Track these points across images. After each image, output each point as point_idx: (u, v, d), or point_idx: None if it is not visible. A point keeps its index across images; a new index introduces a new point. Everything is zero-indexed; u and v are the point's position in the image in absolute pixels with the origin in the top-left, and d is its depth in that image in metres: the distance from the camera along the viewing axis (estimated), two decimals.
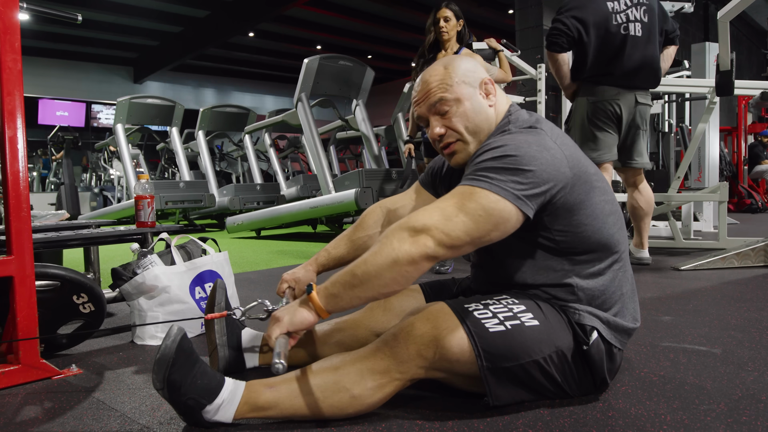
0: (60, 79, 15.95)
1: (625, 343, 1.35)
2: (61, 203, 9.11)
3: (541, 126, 1.29)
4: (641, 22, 3.10)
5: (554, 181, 1.19)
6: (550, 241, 1.27)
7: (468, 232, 1.13)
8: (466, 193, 1.16)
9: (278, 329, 1.18)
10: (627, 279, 1.36)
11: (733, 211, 8.41)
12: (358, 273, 1.14)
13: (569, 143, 1.29)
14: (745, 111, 9.32)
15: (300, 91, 6.07)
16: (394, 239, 1.13)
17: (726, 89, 3.52)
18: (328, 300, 1.17)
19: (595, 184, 1.28)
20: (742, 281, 2.87)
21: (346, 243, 1.58)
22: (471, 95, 1.34)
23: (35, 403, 1.44)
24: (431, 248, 1.12)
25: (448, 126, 1.35)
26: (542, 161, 1.18)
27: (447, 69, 1.35)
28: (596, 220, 1.27)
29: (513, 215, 1.15)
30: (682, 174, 4.15)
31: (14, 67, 1.54)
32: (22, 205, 1.56)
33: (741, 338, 1.83)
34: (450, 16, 3.36)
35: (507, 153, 1.18)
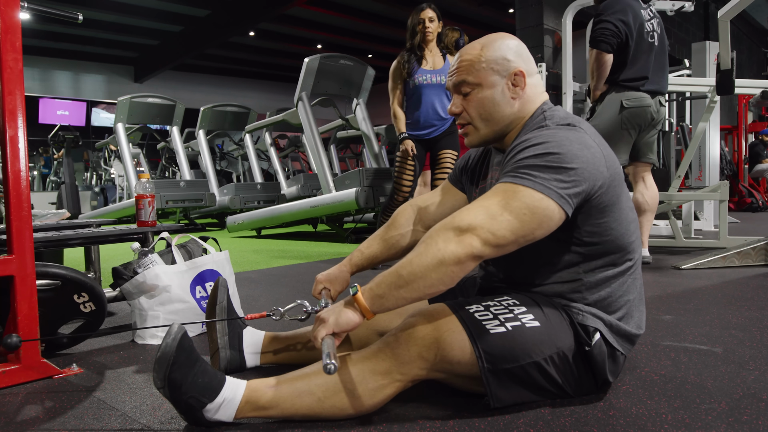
0: (61, 79, 15.95)
1: (629, 349, 1.34)
2: (61, 202, 9.11)
3: (578, 123, 1.28)
4: (656, 32, 3.27)
5: (594, 180, 1.19)
6: (576, 240, 1.26)
7: (513, 230, 1.13)
8: (510, 191, 1.15)
9: (324, 330, 1.18)
10: (636, 286, 1.35)
11: (734, 210, 8.41)
12: (404, 274, 1.14)
13: (605, 143, 1.29)
14: (746, 110, 9.31)
15: (300, 90, 6.07)
16: (439, 239, 1.13)
17: (726, 88, 3.53)
18: (373, 301, 1.17)
19: (624, 188, 1.29)
20: (743, 280, 2.87)
21: (379, 242, 1.57)
22: (494, 83, 1.32)
23: (36, 403, 1.44)
24: (477, 248, 1.11)
25: (465, 107, 1.36)
26: (584, 159, 1.17)
27: (482, 50, 1.33)
28: (621, 225, 1.27)
29: (556, 214, 1.15)
30: (682, 173, 4.15)
31: (15, 67, 1.54)
32: (22, 205, 1.56)
33: (742, 337, 1.83)
34: (434, 17, 3.47)
35: (549, 150, 1.17)
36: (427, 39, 3.47)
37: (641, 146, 3.37)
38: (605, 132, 3.22)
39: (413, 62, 3.48)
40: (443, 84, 3.51)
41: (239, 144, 9.83)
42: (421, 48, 3.48)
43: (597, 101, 3.36)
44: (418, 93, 3.51)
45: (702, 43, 6.32)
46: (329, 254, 4.61)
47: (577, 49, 6.29)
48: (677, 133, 7.67)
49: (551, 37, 7.50)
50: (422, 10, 3.47)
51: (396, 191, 3.61)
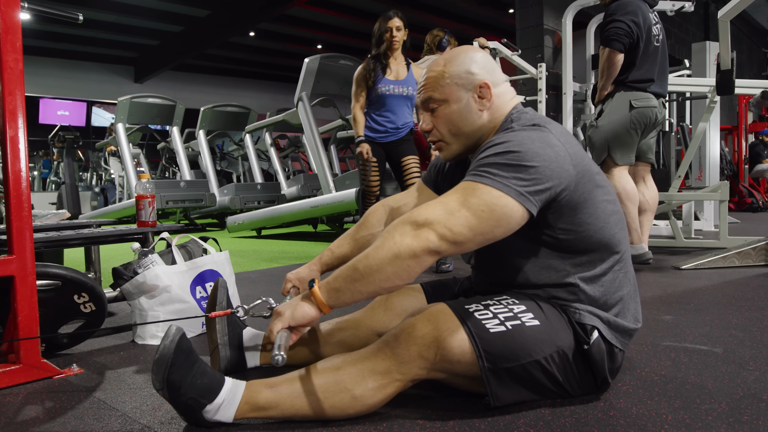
0: (61, 79, 15.95)
1: (626, 344, 1.35)
2: (61, 203, 9.12)
3: (545, 124, 1.28)
4: (660, 36, 3.35)
5: (558, 179, 1.19)
6: (552, 239, 1.27)
7: (470, 227, 1.12)
8: (469, 188, 1.16)
9: (280, 323, 1.18)
10: (628, 280, 1.35)
11: (734, 210, 8.41)
12: (360, 267, 1.14)
13: (573, 141, 1.28)
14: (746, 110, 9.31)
15: (300, 91, 6.07)
16: (396, 233, 1.13)
17: (726, 88, 3.53)
18: (329, 294, 1.17)
19: (599, 183, 1.28)
20: (743, 280, 2.87)
21: (350, 242, 1.58)
22: (460, 98, 1.34)
23: (36, 403, 1.44)
24: (433, 242, 1.11)
25: (434, 124, 1.37)
26: (545, 158, 1.17)
27: (445, 66, 1.35)
28: (598, 220, 1.27)
29: (516, 212, 1.15)
30: (682, 173, 4.15)
31: (16, 67, 1.54)
32: (23, 205, 1.56)
33: (742, 337, 1.83)
34: (401, 26, 3.53)
35: (509, 149, 1.18)
36: (394, 48, 3.55)
37: (642, 146, 3.41)
38: (614, 132, 3.27)
39: (378, 70, 3.55)
40: (405, 95, 3.62)
41: (239, 144, 9.84)
42: (386, 56, 3.57)
43: (602, 101, 3.39)
44: (382, 101, 3.60)
45: (702, 43, 6.32)
46: None
47: (577, 49, 6.29)
48: (677, 134, 7.67)
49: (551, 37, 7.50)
50: (390, 19, 3.54)
51: (366, 194, 3.71)
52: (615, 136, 3.27)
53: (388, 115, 3.62)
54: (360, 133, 3.61)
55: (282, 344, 1.13)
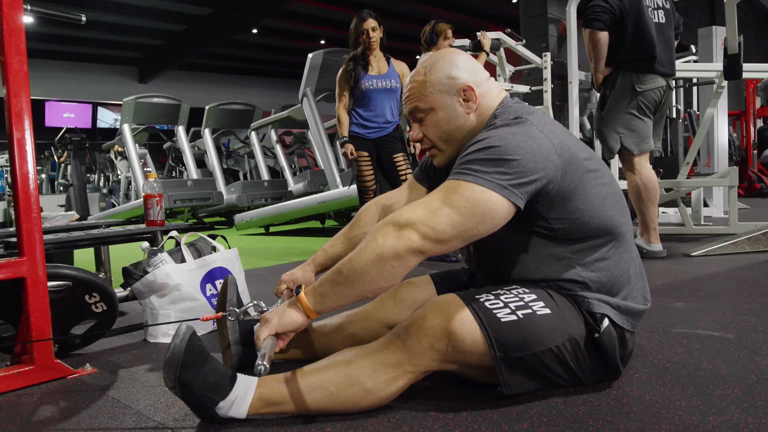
0: (65, 81, 16.03)
1: (636, 325, 1.34)
2: (70, 204, 9.17)
3: (526, 116, 1.27)
4: (664, 9, 3.16)
5: (543, 170, 1.18)
6: (548, 230, 1.26)
7: (453, 224, 1.12)
8: (451, 187, 1.16)
9: (267, 330, 1.18)
10: (633, 260, 1.34)
11: (743, 195, 8.35)
12: (344, 271, 1.14)
13: (558, 131, 1.26)
14: (754, 95, 9.22)
15: (305, 87, 6.06)
16: (378, 235, 1.13)
17: (734, 73, 3.49)
18: (316, 300, 1.17)
19: (589, 168, 1.26)
20: (754, 266, 2.85)
21: (343, 241, 1.58)
22: (445, 104, 1.33)
23: (51, 403, 1.45)
24: (416, 242, 1.11)
25: (424, 132, 1.38)
26: (527, 150, 1.17)
27: (426, 75, 1.35)
28: (592, 205, 1.26)
29: (501, 206, 1.14)
30: (691, 160, 4.12)
31: (20, 69, 1.54)
32: (32, 207, 1.57)
33: (754, 323, 1.82)
34: (376, 26, 3.59)
35: (490, 144, 1.18)
36: (372, 48, 3.61)
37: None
38: (623, 120, 3.11)
39: (359, 70, 3.60)
40: (390, 88, 3.66)
41: (245, 142, 9.85)
42: (365, 56, 3.62)
43: (602, 85, 3.23)
44: (368, 97, 3.64)
45: (708, 28, 6.26)
46: None
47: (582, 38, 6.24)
48: (685, 120, 7.61)
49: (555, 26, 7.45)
50: (364, 21, 3.59)
51: (362, 192, 3.74)
52: (624, 124, 3.10)
53: (375, 110, 3.66)
54: (344, 133, 3.67)
55: (266, 353, 1.13)
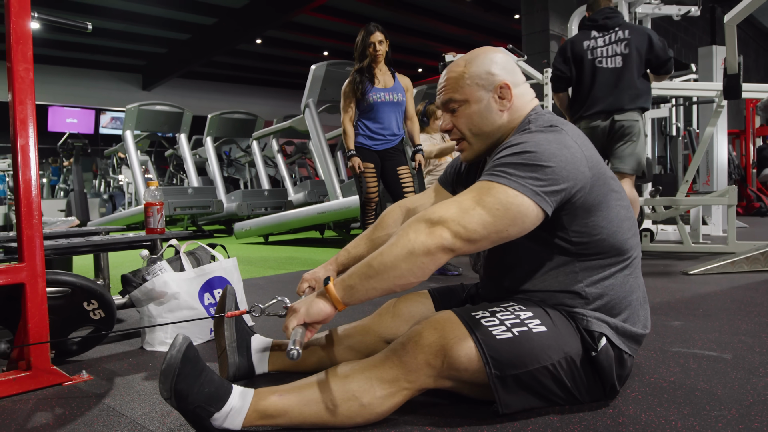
0: (69, 87, 16.07)
1: (636, 349, 1.34)
2: (70, 210, 9.18)
3: (561, 125, 1.29)
4: (623, 55, 3.42)
5: (573, 180, 1.19)
6: (565, 242, 1.27)
7: (485, 225, 1.13)
8: (484, 187, 1.16)
9: (295, 320, 1.19)
10: (638, 285, 1.35)
11: (742, 214, 8.36)
12: (375, 264, 1.14)
13: (589, 144, 1.29)
14: (753, 114, 9.26)
15: (307, 98, 6.09)
16: (410, 231, 1.14)
17: (734, 93, 3.51)
18: (344, 291, 1.18)
19: (613, 188, 1.29)
20: (752, 285, 2.85)
21: (366, 242, 1.58)
22: (481, 98, 1.34)
23: (46, 410, 1.45)
24: (448, 240, 1.12)
25: (455, 124, 1.38)
26: (561, 158, 1.18)
27: (465, 67, 1.35)
28: (611, 224, 1.27)
29: (531, 211, 1.15)
30: (690, 178, 4.13)
31: (26, 77, 1.56)
32: (33, 213, 1.57)
33: (751, 343, 1.82)
34: (383, 39, 3.63)
35: (526, 149, 1.18)
36: (378, 61, 3.66)
37: (610, 158, 3.45)
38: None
39: (366, 82, 3.64)
40: (396, 101, 3.70)
41: (246, 151, 9.88)
42: (370, 68, 3.66)
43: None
44: (376, 109, 3.67)
45: (709, 47, 6.30)
46: None
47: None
48: (684, 138, 7.64)
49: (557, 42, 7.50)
50: (371, 34, 3.62)
51: (366, 202, 3.76)
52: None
53: (381, 122, 3.69)
54: (351, 146, 3.69)
55: (297, 339, 1.14)
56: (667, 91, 4.73)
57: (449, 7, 12.72)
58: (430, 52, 15.90)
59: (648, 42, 3.38)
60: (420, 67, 17.67)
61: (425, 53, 16.10)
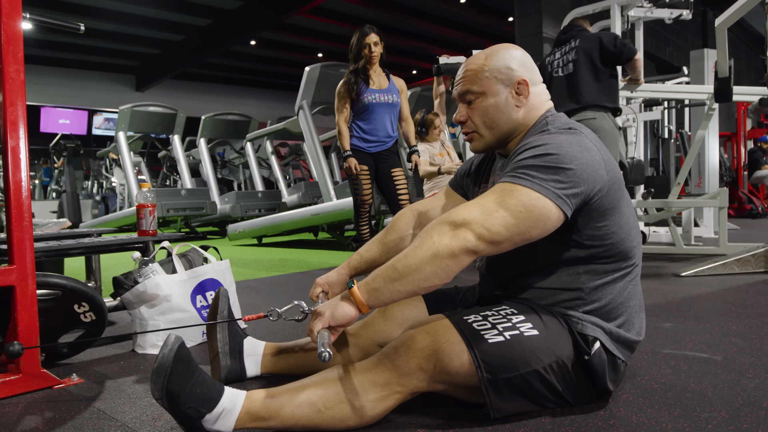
0: (62, 88, 16.00)
1: (628, 356, 1.35)
2: (62, 211, 9.13)
3: (580, 128, 1.30)
4: (573, 61, 3.58)
5: (593, 183, 1.20)
6: (577, 244, 1.27)
7: (508, 227, 1.14)
8: (507, 189, 1.17)
9: (320, 323, 1.19)
10: (636, 293, 1.36)
11: (734, 216, 8.41)
12: (399, 267, 1.15)
13: (605, 148, 1.30)
14: (744, 117, 9.33)
15: (301, 99, 6.09)
16: (434, 233, 1.14)
17: (724, 96, 3.54)
18: (369, 294, 1.17)
19: (625, 194, 1.30)
20: (743, 287, 2.87)
21: (378, 246, 1.58)
22: (498, 92, 1.34)
23: (36, 413, 1.44)
24: (471, 242, 1.12)
25: (469, 115, 1.38)
26: (582, 161, 1.19)
27: (486, 60, 1.36)
28: (622, 230, 1.28)
29: (553, 214, 1.16)
30: (682, 180, 4.16)
31: (17, 78, 1.55)
32: (23, 215, 1.57)
33: (742, 345, 1.83)
34: (378, 41, 3.63)
35: (548, 151, 1.19)
36: (373, 62, 3.66)
37: None
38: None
39: (360, 83, 3.64)
40: (391, 103, 3.70)
41: (240, 152, 9.86)
42: (365, 70, 3.66)
43: None
44: (370, 110, 3.67)
45: (700, 50, 6.33)
46: (330, 263, 4.62)
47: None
48: (676, 140, 7.69)
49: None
50: (366, 35, 3.63)
51: (360, 203, 3.76)
52: None
53: (376, 124, 3.69)
54: (346, 147, 3.67)
55: (325, 342, 1.14)
56: (659, 94, 4.76)
57: (443, 9, 12.75)
58: (424, 55, 15.93)
59: (598, 43, 3.49)
60: (414, 69, 17.69)
61: (419, 55, 16.12)
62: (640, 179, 4.65)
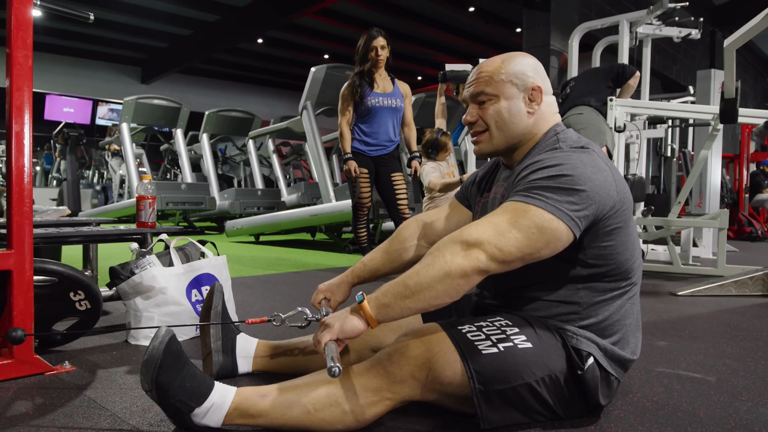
0: (68, 76, 16.00)
1: (622, 374, 1.34)
2: (62, 199, 9.12)
3: (592, 147, 1.29)
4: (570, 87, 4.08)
5: (603, 203, 1.20)
6: (580, 262, 1.27)
7: (520, 248, 1.14)
8: (520, 210, 1.17)
9: (328, 335, 1.19)
10: (633, 312, 1.35)
11: (733, 238, 8.41)
12: (410, 284, 1.15)
13: (615, 167, 1.30)
14: (748, 139, 9.34)
15: (305, 99, 6.10)
16: (447, 252, 1.14)
17: (730, 117, 3.54)
18: (379, 310, 1.17)
19: (630, 216, 1.30)
20: (739, 309, 2.86)
21: (382, 255, 1.57)
22: (512, 96, 1.34)
23: (26, 399, 1.44)
24: (483, 262, 1.13)
25: (480, 116, 1.37)
26: (596, 183, 1.19)
27: (502, 64, 1.35)
28: (627, 250, 1.28)
29: (564, 235, 1.16)
30: (683, 199, 4.16)
31: (25, 63, 1.55)
32: (24, 200, 1.56)
33: (736, 367, 1.83)
34: (385, 45, 3.64)
35: (563, 172, 1.18)
36: (379, 66, 3.66)
37: None
38: None
39: (365, 86, 3.64)
40: (394, 107, 3.70)
41: (242, 149, 9.87)
42: (371, 73, 3.66)
43: None
44: (373, 114, 3.67)
45: (707, 70, 6.35)
46: (326, 264, 4.61)
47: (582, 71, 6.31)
48: (679, 159, 7.69)
49: (557, 57, 7.55)
50: (374, 38, 3.62)
51: (358, 206, 3.75)
52: None
53: (378, 128, 3.69)
54: (347, 149, 3.67)
55: (334, 356, 1.14)
56: (664, 112, 4.77)
57: (451, 17, 12.76)
58: (430, 61, 15.95)
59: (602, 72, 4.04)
60: (420, 75, 17.71)
61: (425, 61, 16.15)
62: (640, 196, 4.65)
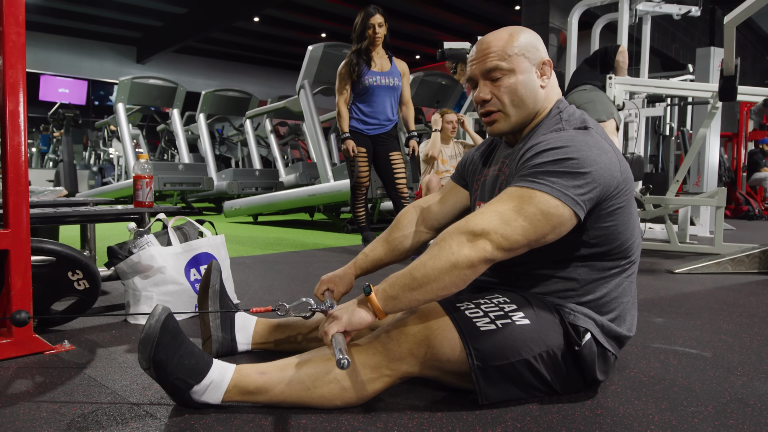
0: (63, 56, 15.84)
1: (618, 350, 1.35)
2: (59, 180, 9.10)
3: (594, 126, 1.28)
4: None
5: (607, 184, 1.19)
6: (582, 242, 1.26)
7: (526, 235, 1.14)
8: (526, 196, 1.15)
9: (336, 327, 1.19)
10: (631, 290, 1.36)
11: (730, 217, 8.43)
12: (417, 276, 1.14)
13: (617, 147, 1.29)
14: (747, 118, 9.31)
15: (303, 79, 6.05)
16: (453, 243, 1.13)
17: (729, 95, 3.52)
18: (386, 302, 1.18)
19: (632, 196, 1.29)
20: (735, 287, 2.88)
21: (383, 245, 1.57)
22: (526, 70, 1.31)
23: (26, 377, 1.44)
24: (489, 252, 1.12)
25: (495, 94, 1.32)
26: (600, 164, 1.18)
27: (511, 37, 1.31)
28: (628, 229, 1.28)
29: (569, 219, 1.16)
30: (681, 178, 4.15)
31: (17, 41, 1.53)
32: (20, 179, 1.55)
33: (732, 343, 1.85)
34: (382, 22, 3.60)
35: (568, 155, 1.17)
36: (376, 43, 3.62)
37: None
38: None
39: (362, 64, 3.60)
40: (391, 86, 3.67)
41: (239, 129, 9.82)
42: (368, 51, 3.62)
43: None
44: (371, 92, 3.65)
45: (707, 48, 6.30)
46: (324, 244, 4.62)
47: (582, 49, 6.28)
48: (677, 138, 7.68)
49: (556, 35, 7.49)
50: (371, 16, 3.58)
51: (357, 185, 3.74)
52: None
53: (376, 106, 3.66)
54: (345, 129, 3.64)
55: (342, 348, 1.14)
56: (663, 90, 4.74)
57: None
58: (428, 40, 15.81)
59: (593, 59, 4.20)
60: (418, 54, 17.58)
61: (423, 40, 16.01)
62: (638, 175, 4.65)
